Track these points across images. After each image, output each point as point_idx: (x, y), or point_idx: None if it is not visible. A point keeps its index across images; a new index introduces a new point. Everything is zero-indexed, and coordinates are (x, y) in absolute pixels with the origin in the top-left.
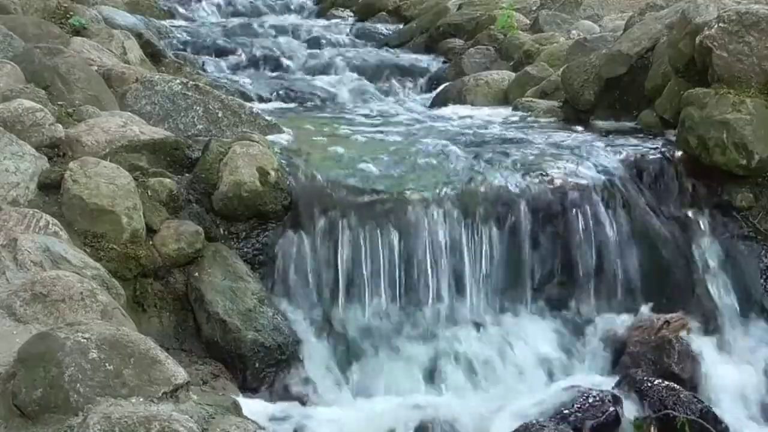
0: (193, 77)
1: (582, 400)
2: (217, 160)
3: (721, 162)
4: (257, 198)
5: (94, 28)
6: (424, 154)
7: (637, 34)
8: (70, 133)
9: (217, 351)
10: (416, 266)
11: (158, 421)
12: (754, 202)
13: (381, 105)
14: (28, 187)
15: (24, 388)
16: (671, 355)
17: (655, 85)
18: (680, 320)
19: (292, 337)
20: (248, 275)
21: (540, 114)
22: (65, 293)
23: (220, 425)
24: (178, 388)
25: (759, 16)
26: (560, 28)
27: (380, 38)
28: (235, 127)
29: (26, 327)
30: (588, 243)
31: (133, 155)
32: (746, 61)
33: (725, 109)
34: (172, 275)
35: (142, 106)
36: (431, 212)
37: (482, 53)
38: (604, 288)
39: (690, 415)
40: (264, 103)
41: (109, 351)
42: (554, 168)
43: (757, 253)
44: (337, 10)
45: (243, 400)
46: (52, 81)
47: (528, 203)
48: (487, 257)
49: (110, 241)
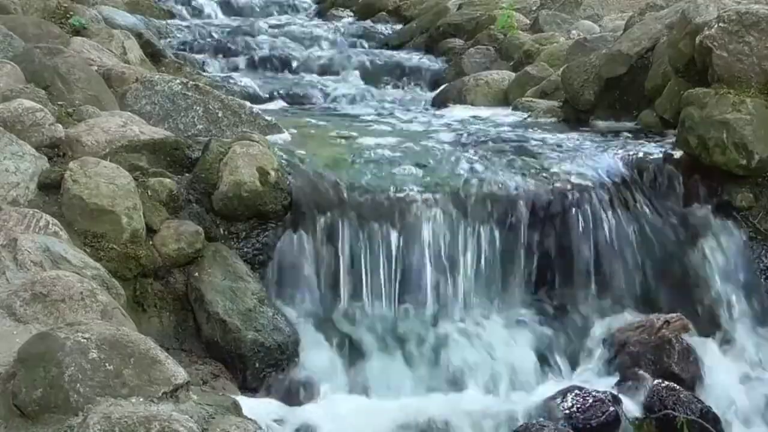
0: (193, 77)
1: (582, 400)
2: (217, 160)
3: (721, 162)
4: (257, 198)
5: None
6: (423, 154)
7: (637, 34)
8: (70, 133)
9: (217, 351)
10: (416, 266)
11: (158, 421)
12: (754, 202)
13: (381, 105)
14: (28, 187)
15: (24, 388)
16: (671, 355)
17: (655, 85)
18: (680, 320)
19: (292, 336)
20: (248, 275)
21: (540, 114)
22: (65, 293)
23: (220, 425)
24: (178, 388)
25: (759, 16)
26: (560, 28)
27: (380, 38)
28: (235, 127)
29: (26, 327)
30: (587, 243)
31: (133, 155)
32: (746, 61)
33: (725, 109)
34: (172, 275)
35: (142, 106)
36: (431, 212)
37: (482, 53)
38: (604, 288)
39: (690, 415)
40: (264, 103)
41: (109, 351)
42: (554, 168)
43: (758, 253)
44: (337, 10)
45: (243, 400)
46: (52, 81)
47: (528, 203)
48: (487, 257)
49: (110, 241)
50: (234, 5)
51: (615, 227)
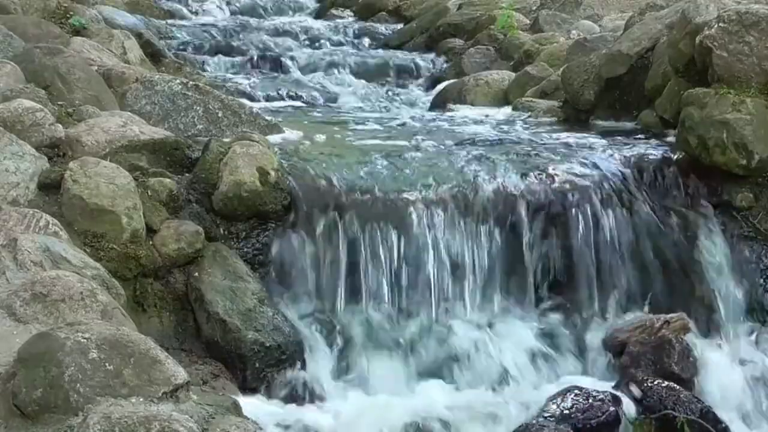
0: (193, 77)
1: (582, 400)
2: (217, 160)
3: (721, 162)
4: (257, 198)
5: (94, 28)
6: (423, 154)
7: (637, 34)
8: (70, 133)
9: (217, 351)
10: (416, 266)
11: (158, 421)
12: (754, 202)
13: (381, 105)
14: (28, 187)
15: (24, 388)
16: (671, 355)
17: (655, 85)
18: (680, 320)
19: (292, 336)
20: (248, 275)
21: (540, 114)
22: (65, 293)
23: (220, 425)
24: (178, 388)
25: (759, 15)
26: (560, 28)
27: (380, 38)
28: (235, 127)
29: (26, 327)
30: (588, 243)
31: (133, 155)
32: (746, 61)
33: (725, 109)
34: (172, 275)
35: (142, 106)
36: (431, 212)
37: (482, 53)
38: (604, 288)
39: (690, 415)
40: (264, 103)
41: (109, 351)
42: (554, 168)
43: (758, 254)
44: (338, 10)
45: (243, 400)
46: (52, 81)
47: (528, 203)
48: (487, 257)
49: (110, 241)
50: (234, 5)
51: (615, 227)
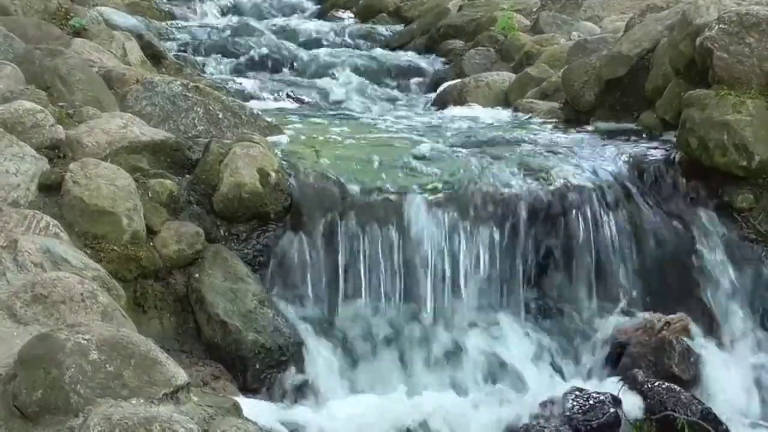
0: (193, 78)
1: (582, 402)
2: (218, 162)
3: (722, 163)
4: (258, 199)
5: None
6: (424, 155)
7: (637, 35)
8: (71, 134)
9: (217, 352)
10: (415, 267)
11: (159, 423)
12: (754, 203)
13: (381, 106)
14: (28, 189)
15: (24, 389)
16: (672, 356)
17: (655, 87)
18: (681, 321)
19: (292, 338)
20: (249, 276)
21: (540, 115)
22: (66, 294)
23: (220, 426)
24: (179, 389)
25: (759, 17)
26: (561, 30)
27: (381, 39)
28: (236, 129)
29: (26, 328)
30: (588, 244)
31: (133, 156)
32: (747, 63)
33: (726, 111)
34: (172, 276)
35: (142, 107)
36: (431, 213)
37: (483, 54)
38: (604, 289)
39: (690, 416)
40: (264, 104)
41: (109, 352)
42: (554, 169)
43: (758, 255)
44: (338, 11)
45: (243, 402)
46: (53, 82)
47: (528, 204)
48: (487, 258)
49: (111, 243)
50: (234, 6)
51: (615, 228)
